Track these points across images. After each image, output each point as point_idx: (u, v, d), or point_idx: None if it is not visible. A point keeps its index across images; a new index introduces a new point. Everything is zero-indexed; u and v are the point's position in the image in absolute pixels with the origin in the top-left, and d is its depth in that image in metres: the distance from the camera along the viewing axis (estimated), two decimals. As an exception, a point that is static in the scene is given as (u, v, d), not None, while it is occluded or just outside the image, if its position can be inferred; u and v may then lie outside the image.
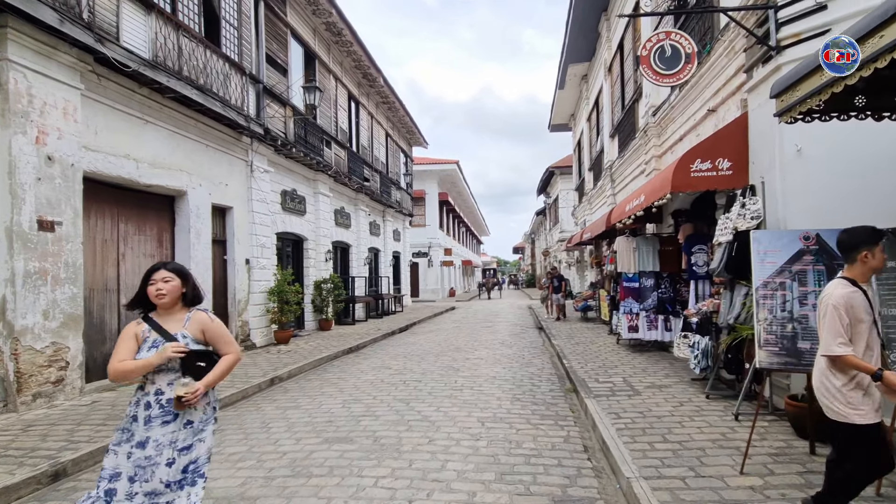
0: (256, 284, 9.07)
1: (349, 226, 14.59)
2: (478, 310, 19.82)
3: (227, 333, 2.49)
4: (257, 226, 9.19)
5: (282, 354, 8.12)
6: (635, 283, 7.89)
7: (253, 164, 9.10)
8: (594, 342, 9.02)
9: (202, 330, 2.34)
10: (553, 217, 32.21)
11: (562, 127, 22.00)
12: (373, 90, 16.09)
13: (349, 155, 13.79)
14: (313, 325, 11.81)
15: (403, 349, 9.12)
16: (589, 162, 16.62)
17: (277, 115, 9.77)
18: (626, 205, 7.31)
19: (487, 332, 11.90)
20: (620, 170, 11.48)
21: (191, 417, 2.27)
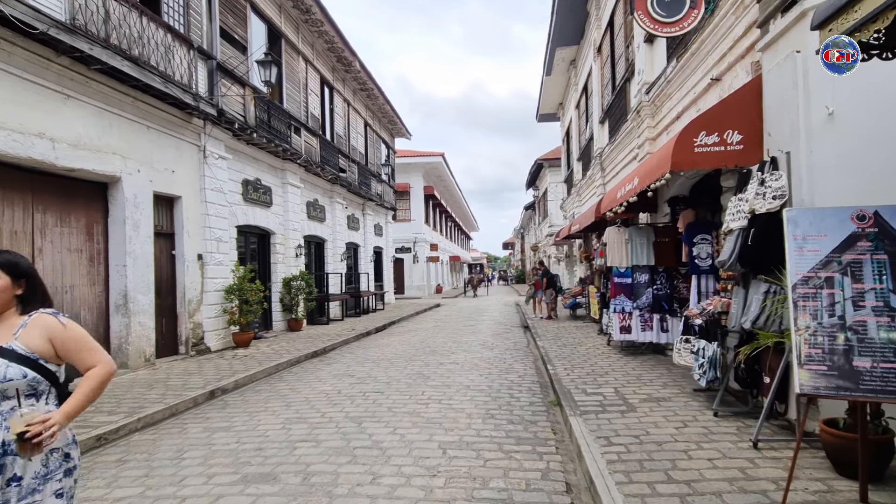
0: (211, 282, 8.17)
1: (323, 219, 13.69)
2: (463, 307, 19.04)
3: (90, 340, 1.72)
4: (212, 217, 8.28)
5: (236, 360, 7.25)
6: (627, 278, 7.15)
7: (206, 149, 8.17)
8: (583, 343, 8.28)
9: (49, 339, 1.65)
10: (542, 211, 31.54)
11: (550, 117, 21.25)
12: (349, 75, 15.15)
13: (322, 143, 12.87)
14: (282, 325, 10.92)
15: (374, 352, 8.30)
16: (578, 151, 15.89)
17: (235, 97, 8.84)
18: (617, 191, 6.55)
19: (469, 331, 11.13)
20: (611, 157, 10.74)
21: (20, 471, 1.54)
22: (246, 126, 9.01)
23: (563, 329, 10.45)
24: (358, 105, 16.44)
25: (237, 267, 8.58)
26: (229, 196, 9.00)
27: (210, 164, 8.29)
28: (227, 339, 8.44)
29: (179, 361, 7.11)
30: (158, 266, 7.27)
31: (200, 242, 8.01)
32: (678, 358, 4.82)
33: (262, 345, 8.81)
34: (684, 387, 5.07)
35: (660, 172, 4.62)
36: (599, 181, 11.82)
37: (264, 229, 10.55)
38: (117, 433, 4.16)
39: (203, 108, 7.67)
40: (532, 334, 10.05)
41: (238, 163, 9.43)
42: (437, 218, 34.74)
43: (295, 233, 11.62)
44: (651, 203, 7.63)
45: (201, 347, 7.84)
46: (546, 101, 19.15)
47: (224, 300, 8.27)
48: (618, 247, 7.21)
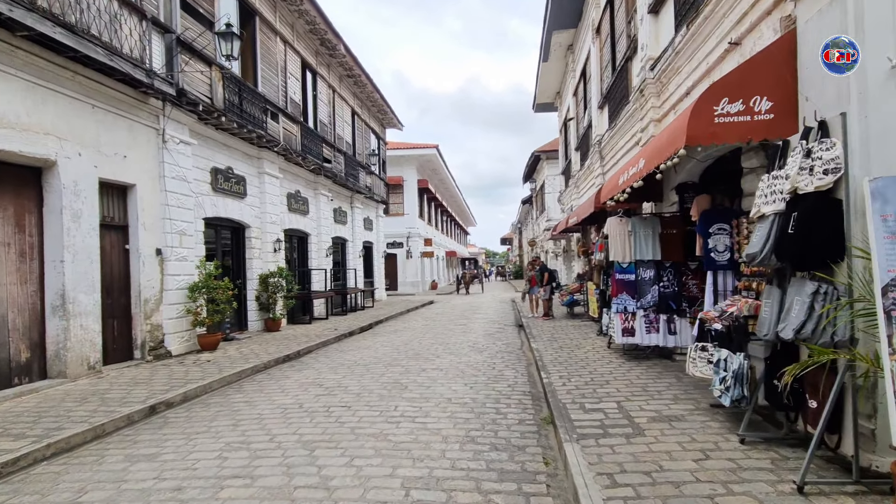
0: (173, 280, 7.41)
1: (307, 212, 12.91)
2: (456, 305, 18.31)
3: None
4: (174, 208, 7.51)
5: (196, 366, 6.52)
6: (630, 274, 6.42)
7: (166, 132, 7.39)
8: (581, 346, 7.57)
9: None
10: (539, 205, 30.79)
11: (547, 107, 20.46)
12: (334, 60, 14.32)
13: (304, 131, 12.08)
14: (259, 325, 10.19)
15: (352, 356, 7.57)
16: (576, 141, 15.13)
17: (200, 76, 8.04)
18: (618, 177, 5.82)
19: (459, 331, 10.41)
20: (611, 144, 9.99)
21: None
22: (213, 109, 8.21)
23: (560, 329, 9.74)
24: (345, 92, 15.62)
25: (203, 263, 7.81)
26: (195, 185, 8.22)
27: (171, 150, 7.51)
28: (192, 341, 7.69)
29: (132, 368, 6.37)
30: (108, 262, 6.51)
31: (159, 236, 7.24)
32: (692, 369, 4.10)
33: (232, 347, 8.07)
34: (699, 401, 4.37)
35: (672, 149, 3.88)
36: (598, 170, 11.08)
37: (238, 222, 9.78)
38: (16, 464, 3.43)
39: (159, 87, 6.87)
40: (526, 334, 9.35)
41: (206, 149, 8.65)
42: (432, 212, 33.97)
43: (273, 226, 10.86)
44: (656, 191, 6.90)
45: (161, 351, 7.10)
46: (543, 89, 18.36)
47: (188, 299, 7.52)
48: (620, 239, 6.48)
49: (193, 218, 8.04)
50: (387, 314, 13.86)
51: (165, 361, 6.85)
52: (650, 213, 6.88)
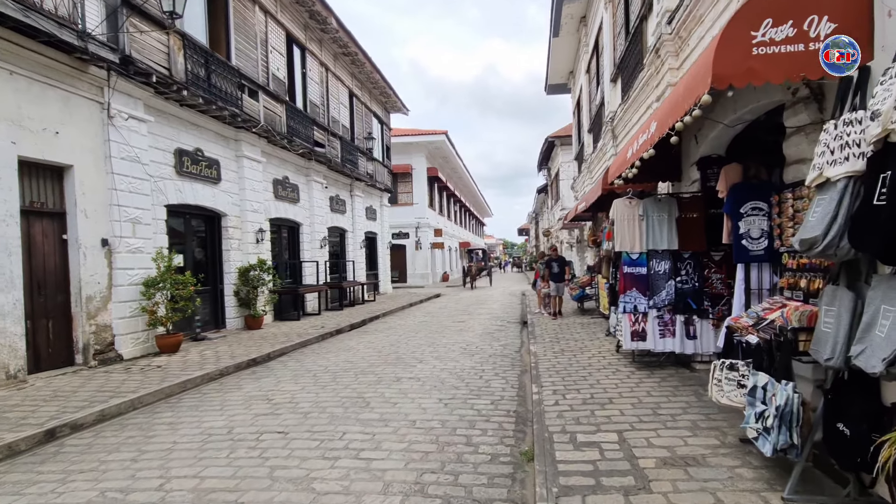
0: (124, 274, 6.67)
1: (296, 200, 12.10)
2: (462, 298, 17.32)
3: None
4: (124, 193, 6.73)
5: (142, 373, 5.76)
6: (641, 267, 5.33)
7: (111, 106, 6.58)
8: (586, 349, 6.54)
9: None
10: (554, 193, 29.40)
11: (560, 88, 19.08)
12: (326, 36, 13.35)
13: (290, 111, 11.20)
14: (238, 322, 9.45)
15: (327, 360, 6.72)
16: (588, 122, 13.84)
17: (155, 44, 7.20)
18: (627, 150, 4.72)
19: (456, 329, 9.45)
20: (624, 119, 8.79)
21: None
22: (171, 81, 7.38)
23: (566, 328, 8.69)
24: (341, 72, 14.66)
25: (160, 255, 7.04)
26: (153, 168, 7.44)
27: (119, 127, 6.71)
28: (150, 343, 6.96)
29: (66, 376, 5.64)
30: (39, 254, 5.78)
31: (106, 224, 6.49)
32: (717, 394, 3.05)
33: (197, 349, 7.32)
34: (724, 432, 3.33)
35: (692, 98, 2.80)
36: (611, 151, 9.88)
37: (211, 210, 9.00)
38: None
39: (95, 53, 6.04)
40: (529, 334, 8.35)
41: (167, 128, 7.84)
42: (444, 202, 32.95)
43: (255, 214, 10.07)
44: (673, 167, 5.76)
45: (109, 355, 6.38)
46: (555, 68, 17.00)
47: (142, 296, 6.77)
48: (628, 225, 5.39)
49: (151, 205, 7.27)
50: (385, 309, 13.02)
51: (111, 367, 6.12)
52: (666, 194, 5.74)
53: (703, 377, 4.74)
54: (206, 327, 8.86)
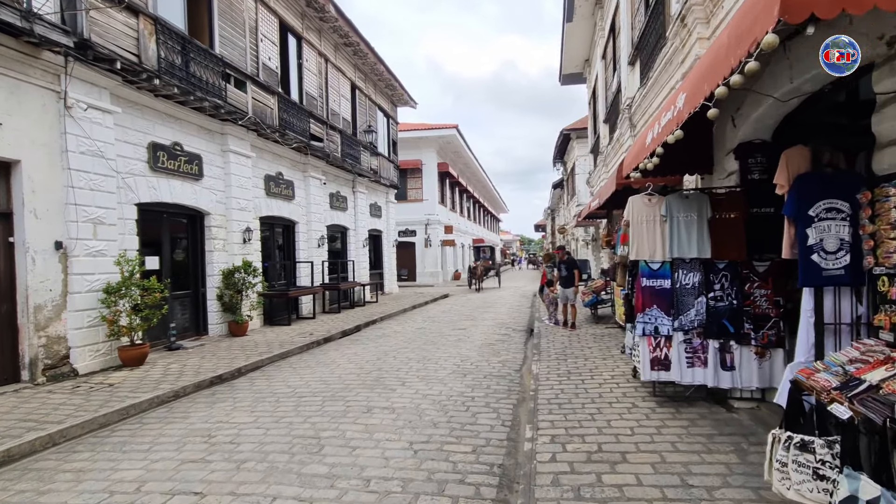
0: (82, 280, 6.06)
1: (291, 197, 11.43)
2: (469, 300, 16.42)
3: None
4: (83, 191, 6.12)
5: (89, 394, 5.12)
6: (664, 279, 4.39)
7: (68, 96, 5.96)
8: (597, 371, 5.63)
9: None
10: (570, 189, 28.18)
11: (575, 78, 17.95)
12: (326, 25, 12.62)
13: (282, 103, 10.51)
14: (221, 328, 8.83)
15: (299, 378, 5.98)
16: (604, 111, 12.76)
17: (123, 28, 6.55)
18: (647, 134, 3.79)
19: (454, 339, 8.62)
20: (643, 105, 7.78)
21: None
22: (140, 69, 6.73)
23: (577, 340, 7.77)
24: (342, 63, 13.92)
25: (124, 258, 6.40)
26: (122, 164, 6.82)
27: (79, 119, 6.09)
28: (111, 355, 6.35)
29: (4, 396, 5.04)
30: (-19, 259, 5.19)
31: (60, 226, 5.87)
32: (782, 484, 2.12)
33: (164, 362, 6.69)
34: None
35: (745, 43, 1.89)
36: (628, 140, 8.86)
37: (192, 208, 8.38)
38: None
39: (42, 35, 5.40)
40: (534, 346, 7.47)
41: (139, 120, 7.22)
42: (456, 198, 32.07)
43: (243, 213, 9.42)
44: (701, 155, 4.78)
45: (63, 370, 5.78)
46: (570, 56, 15.90)
47: (101, 304, 6.15)
48: (647, 227, 4.45)
49: (117, 203, 6.65)
50: (385, 312, 12.28)
51: (59, 385, 5.50)
52: (695, 189, 4.77)
53: (745, 421, 3.81)
54: (186, 334, 8.27)
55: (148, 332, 7.39)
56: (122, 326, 6.22)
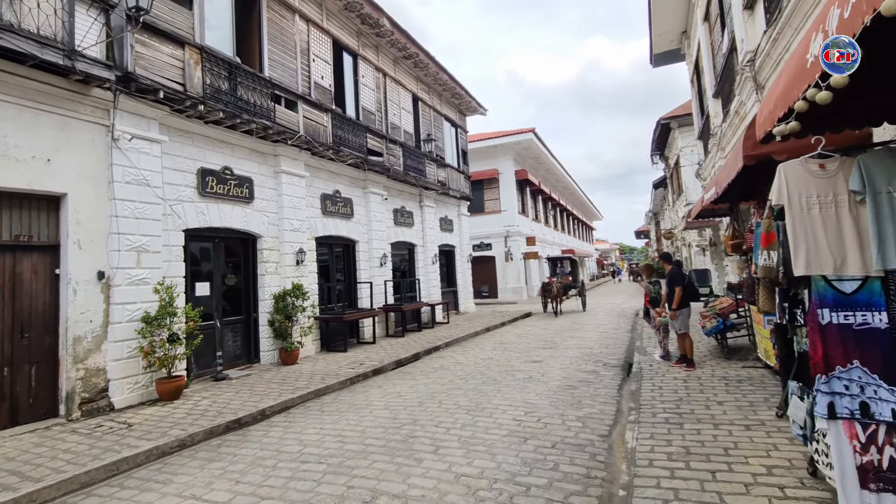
0: (123, 310, 6.00)
1: (350, 215, 11.09)
2: (552, 321, 14.51)
3: None
4: (127, 220, 6.12)
5: (101, 437, 4.80)
6: (870, 310, 2.55)
7: (115, 128, 6.04)
8: (739, 456, 3.74)
9: None
10: (675, 186, 24.69)
11: (671, 56, 15.44)
12: (383, 41, 12.31)
13: (337, 120, 10.24)
14: (272, 356, 8.54)
15: (317, 431, 5.05)
16: (713, 83, 10.42)
17: (165, 59, 6.59)
18: (804, 55, 2.23)
19: (523, 376, 7.15)
20: (773, 54, 5.76)
21: None
22: (184, 97, 6.71)
23: (699, 386, 5.83)
24: (402, 76, 13.54)
25: (161, 286, 6.27)
26: (170, 191, 6.83)
27: (125, 150, 6.14)
28: (150, 388, 6.19)
29: (32, 434, 4.95)
30: (25, 293, 5.27)
31: (104, 255, 5.87)
32: None
33: (200, 396, 6.37)
34: None
35: None
36: (753, 108, 6.77)
37: (244, 232, 8.27)
38: None
39: (86, 71, 5.46)
40: (631, 396, 5.78)
41: (189, 147, 7.24)
42: (539, 207, 30.22)
43: (296, 234, 9.18)
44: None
45: (100, 404, 5.68)
46: (661, 30, 13.65)
47: (138, 334, 6.04)
48: (823, 215, 2.67)
49: (162, 230, 6.62)
50: (453, 336, 11.25)
51: (88, 423, 5.30)
52: None
53: None
54: (238, 362, 8.09)
55: (197, 362, 7.28)
56: (157, 357, 6.03)
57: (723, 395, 5.38)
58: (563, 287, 16.18)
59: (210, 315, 7.43)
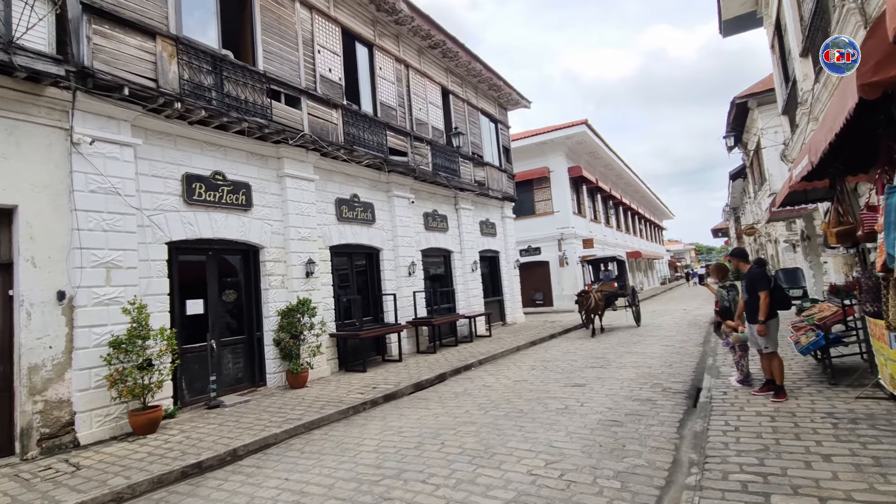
0: (89, 334, 5.34)
1: (371, 221, 10.09)
2: (601, 338, 12.34)
3: None
4: (92, 234, 5.49)
5: (35, 485, 4.07)
6: None
7: (74, 131, 5.47)
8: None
9: None
10: (756, 175, 21.28)
11: (743, 22, 12.92)
12: (404, 28, 11.33)
13: (349, 116, 9.33)
14: (279, 378, 7.64)
15: (275, 485, 4.01)
16: (800, 41, 8.14)
17: (132, 52, 5.99)
18: None
19: (555, 410, 5.55)
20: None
21: None
22: (156, 94, 6.06)
23: (793, 427, 4.01)
24: (429, 68, 12.46)
25: (133, 305, 5.52)
26: (147, 199, 6.18)
27: (88, 155, 5.55)
28: (123, 420, 5.45)
29: (-28, 476, 4.32)
30: (-29, 317, 4.73)
31: (63, 274, 5.26)
32: None
33: (179, 428, 5.55)
34: None
35: None
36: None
37: (242, 243, 7.51)
38: None
39: (27, 66, 4.90)
40: (696, 439, 4.08)
41: (172, 151, 6.60)
42: (597, 206, 27.68)
43: (305, 243, 8.31)
44: None
45: (62, 440, 5.00)
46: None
47: (104, 361, 5.31)
48: None
49: (138, 244, 5.95)
50: (490, 352, 9.80)
51: (39, 463, 4.62)
52: None
53: None
54: (240, 386, 7.28)
55: (190, 387, 6.54)
56: (127, 387, 5.27)
57: (830, 443, 3.63)
58: (607, 296, 12.44)
59: (202, 336, 6.67)
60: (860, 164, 5.10)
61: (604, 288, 12.59)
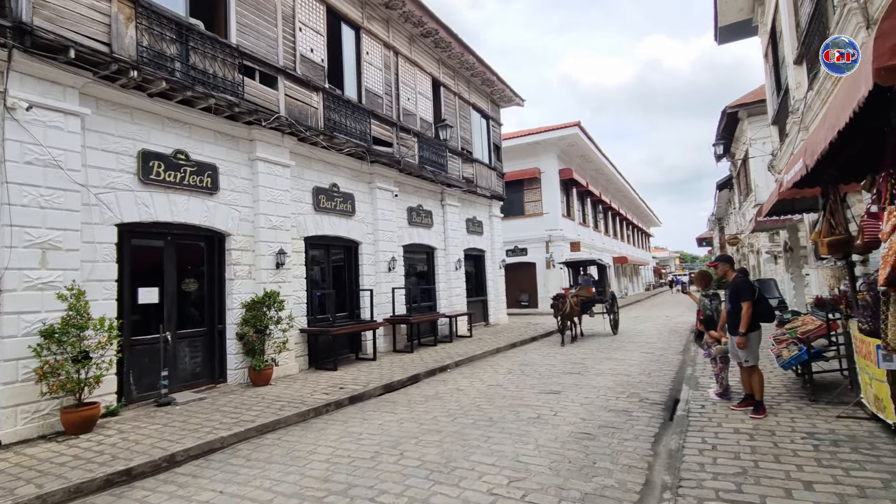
0: (18, 321, 4.80)
1: (351, 213, 9.61)
2: (581, 342, 12.06)
3: None
4: (29, 210, 4.94)
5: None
6: None
7: (8, 95, 4.90)
8: None
9: None
10: (742, 186, 21.28)
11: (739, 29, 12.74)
12: (394, 13, 10.84)
13: (330, 101, 8.83)
14: (242, 375, 7.14)
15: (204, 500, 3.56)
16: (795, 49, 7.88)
17: (83, 10, 5.43)
18: None
19: (526, 420, 5.16)
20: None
21: None
22: (110, 59, 5.50)
23: (773, 448, 3.69)
24: (419, 57, 12.00)
25: (70, 291, 4.99)
26: (94, 175, 5.63)
27: (24, 123, 4.99)
28: (54, 418, 4.92)
29: None
30: None
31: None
32: None
33: (117, 428, 5.04)
34: None
35: None
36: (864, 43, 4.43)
37: (206, 229, 6.98)
38: None
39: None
40: (671, 458, 3.73)
41: (128, 124, 6.05)
42: (586, 209, 27.51)
43: (277, 232, 7.80)
44: None
45: (-24, 438, 4.47)
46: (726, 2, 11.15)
47: (34, 353, 4.77)
48: None
49: (82, 224, 5.40)
50: (468, 353, 9.41)
51: (-49, 462, 4.11)
52: None
53: None
54: (197, 382, 6.76)
55: (139, 382, 6.01)
56: (59, 381, 4.73)
57: (811, 467, 3.37)
58: (583, 302, 11.66)
59: (156, 327, 6.14)
60: (856, 170, 4.82)
61: (581, 293, 11.88)
